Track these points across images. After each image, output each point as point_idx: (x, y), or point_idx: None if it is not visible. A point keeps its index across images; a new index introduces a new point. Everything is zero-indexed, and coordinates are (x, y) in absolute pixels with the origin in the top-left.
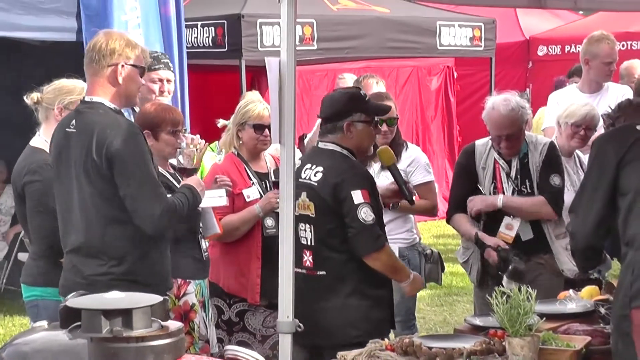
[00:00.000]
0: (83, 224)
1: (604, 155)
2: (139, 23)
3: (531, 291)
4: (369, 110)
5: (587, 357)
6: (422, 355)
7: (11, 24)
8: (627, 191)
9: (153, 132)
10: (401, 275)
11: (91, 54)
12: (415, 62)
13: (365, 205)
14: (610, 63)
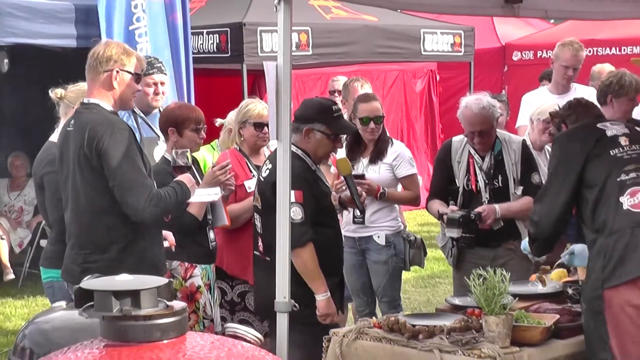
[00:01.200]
0: (77, 214)
1: (570, 151)
2: (146, 31)
3: (505, 274)
4: (332, 126)
5: (555, 333)
6: (407, 332)
7: (34, 32)
8: (595, 183)
9: (177, 129)
10: (316, 285)
11: (90, 61)
12: (401, 66)
13: (295, 204)
14: (568, 68)
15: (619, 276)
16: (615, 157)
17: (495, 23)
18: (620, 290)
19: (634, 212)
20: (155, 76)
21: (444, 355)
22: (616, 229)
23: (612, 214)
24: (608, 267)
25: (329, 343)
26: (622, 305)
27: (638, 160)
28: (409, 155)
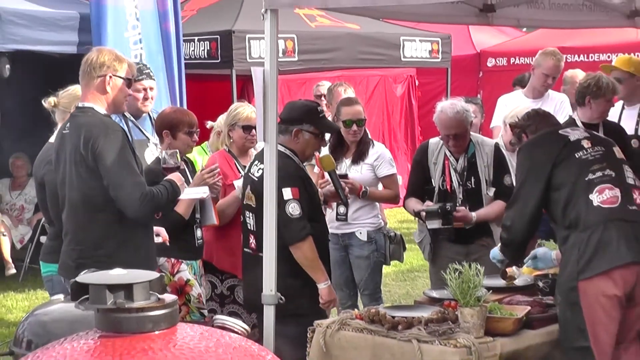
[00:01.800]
0: (73, 212)
1: (537, 158)
2: (140, 39)
3: (479, 268)
4: (319, 125)
5: (527, 323)
6: (387, 323)
7: (34, 39)
8: (562, 186)
9: (171, 132)
10: (317, 275)
11: (84, 67)
12: (382, 71)
13: (293, 201)
14: (548, 76)
15: (593, 268)
16: (581, 160)
17: (471, 31)
18: (594, 281)
19: (604, 207)
20: (144, 82)
21: (422, 345)
22: (589, 224)
23: (584, 211)
24: (582, 260)
25: (313, 334)
26: (597, 296)
27: (601, 160)
28: (389, 156)
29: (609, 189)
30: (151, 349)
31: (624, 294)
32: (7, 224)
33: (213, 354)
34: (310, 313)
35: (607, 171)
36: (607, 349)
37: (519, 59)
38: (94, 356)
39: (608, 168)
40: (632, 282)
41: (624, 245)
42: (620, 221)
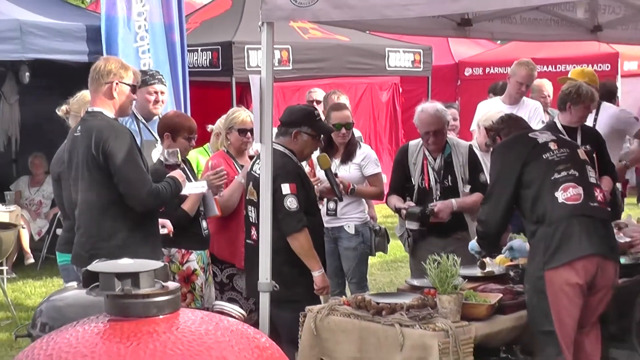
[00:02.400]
0: (86, 207)
1: (508, 158)
2: (148, 49)
3: (456, 259)
4: (316, 128)
5: (499, 309)
6: (372, 309)
7: (52, 48)
8: (531, 184)
9: (172, 135)
10: (312, 264)
11: (93, 74)
12: (369, 79)
13: (291, 195)
14: (522, 84)
15: (559, 259)
16: (548, 160)
17: (450, 43)
18: (559, 271)
19: (568, 204)
20: (156, 86)
21: (404, 329)
22: (554, 219)
23: (550, 207)
24: (549, 252)
25: (304, 318)
26: (561, 284)
27: (566, 161)
28: (375, 156)
29: (572, 187)
30: (155, 331)
31: (585, 283)
32: (26, 218)
33: (212, 336)
34: (305, 299)
35: (571, 171)
36: (570, 333)
37: (493, 68)
38: (103, 338)
39: (572, 168)
40: (593, 272)
41: (585, 239)
42: (582, 217)
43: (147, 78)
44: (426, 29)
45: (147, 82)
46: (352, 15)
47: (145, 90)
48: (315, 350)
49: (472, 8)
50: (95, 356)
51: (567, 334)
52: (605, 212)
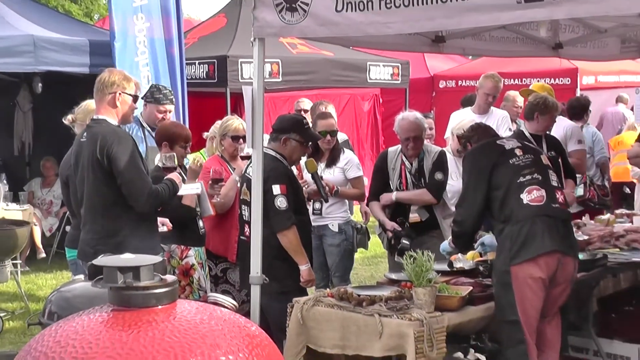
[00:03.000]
0: (91, 207)
1: (479, 163)
2: (148, 62)
3: (430, 254)
4: (304, 135)
5: (470, 301)
6: (353, 300)
7: (62, 61)
8: (500, 186)
9: (169, 144)
10: (299, 258)
11: (98, 85)
12: (352, 91)
13: (281, 196)
14: (489, 95)
15: (523, 255)
16: (514, 165)
17: (426, 58)
18: (523, 266)
19: (532, 205)
20: (167, 106)
21: (382, 318)
22: (520, 218)
23: (516, 207)
24: (514, 248)
25: (292, 309)
26: (525, 278)
27: (531, 165)
28: (357, 161)
29: (536, 190)
30: (155, 320)
31: (547, 277)
32: (38, 216)
33: (206, 325)
34: (293, 291)
35: (535, 175)
36: (532, 322)
37: (465, 81)
38: (107, 326)
39: (536, 172)
40: (554, 267)
41: (547, 237)
42: (545, 217)
43: (160, 97)
44: (404, 44)
45: (159, 101)
46: (336, 32)
47: (156, 107)
48: (302, 338)
49: (445, 26)
50: (100, 343)
51: (530, 323)
52: (566, 212)
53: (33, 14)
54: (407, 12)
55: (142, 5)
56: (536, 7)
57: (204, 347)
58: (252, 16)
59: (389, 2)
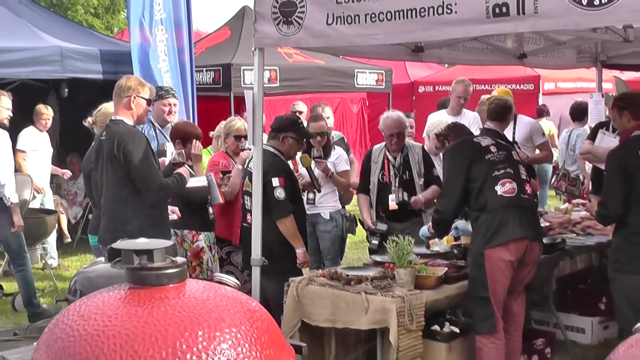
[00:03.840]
0: (109, 198)
1: (458, 159)
2: (168, 69)
3: (411, 239)
4: (300, 133)
5: (445, 280)
6: (343, 280)
7: (85, 69)
8: (476, 179)
9: (182, 141)
10: (296, 243)
11: (116, 89)
12: (342, 95)
13: (280, 187)
14: (460, 97)
15: (496, 240)
16: (489, 160)
17: (407, 66)
18: (496, 250)
19: (505, 196)
20: (170, 99)
21: (368, 296)
22: (494, 208)
23: (491, 198)
24: (488, 234)
25: (288, 287)
26: (497, 261)
27: (504, 161)
28: (346, 156)
29: (509, 183)
30: (166, 297)
31: (516, 260)
32: (64, 205)
33: (212, 301)
34: (289, 271)
35: (508, 169)
36: (500, 298)
37: (441, 86)
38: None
39: (509, 167)
40: (523, 251)
41: (517, 225)
42: (516, 207)
43: (162, 93)
44: (387, 54)
45: (162, 97)
46: (327, 43)
47: (161, 102)
48: (297, 313)
49: (423, 38)
50: (118, 316)
51: (498, 299)
52: (533, 203)
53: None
54: (389, 25)
55: (162, 18)
56: (503, 22)
57: (210, 321)
58: (253, 29)
59: (374, 16)
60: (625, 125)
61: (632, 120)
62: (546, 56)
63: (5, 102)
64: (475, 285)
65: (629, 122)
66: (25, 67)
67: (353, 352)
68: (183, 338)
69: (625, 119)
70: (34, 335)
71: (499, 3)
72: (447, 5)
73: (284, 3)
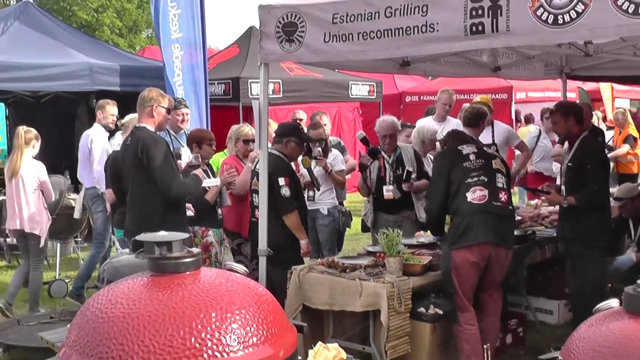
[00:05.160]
0: (134, 195)
1: (442, 164)
2: (181, 83)
3: (399, 231)
4: (301, 138)
5: (430, 267)
6: (339, 268)
7: (112, 82)
8: (452, 184)
9: (198, 145)
10: (300, 235)
11: (139, 100)
12: (338, 104)
13: (285, 186)
14: (445, 105)
15: (460, 242)
16: (465, 167)
17: (395, 78)
18: (461, 251)
19: (473, 203)
20: (183, 110)
21: (362, 282)
22: (462, 213)
23: (462, 203)
24: (455, 236)
25: (291, 275)
26: (462, 261)
27: (480, 169)
28: (342, 158)
29: (480, 190)
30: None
31: (481, 261)
32: None
33: (224, 286)
34: (292, 260)
35: (482, 177)
36: (468, 292)
37: (426, 96)
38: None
39: (483, 175)
40: (487, 255)
41: (482, 230)
42: (483, 213)
43: (176, 104)
44: (377, 67)
45: (177, 107)
46: (324, 58)
47: (175, 112)
48: (299, 297)
49: (409, 53)
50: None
51: (467, 293)
52: (506, 210)
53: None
54: (380, 43)
55: (179, 38)
56: (480, 39)
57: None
58: (259, 46)
59: (366, 35)
60: (570, 129)
61: (576, 125)
62: (517, 69)
63: (111, 109)
64: (445, 280)
65: (574, 126)
66: (58, 81)
67: (349, 331)
68: (198, 319)
69: (571, 122)
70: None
71: (475, 22)
72: (430, 24)
73: (287, 24)
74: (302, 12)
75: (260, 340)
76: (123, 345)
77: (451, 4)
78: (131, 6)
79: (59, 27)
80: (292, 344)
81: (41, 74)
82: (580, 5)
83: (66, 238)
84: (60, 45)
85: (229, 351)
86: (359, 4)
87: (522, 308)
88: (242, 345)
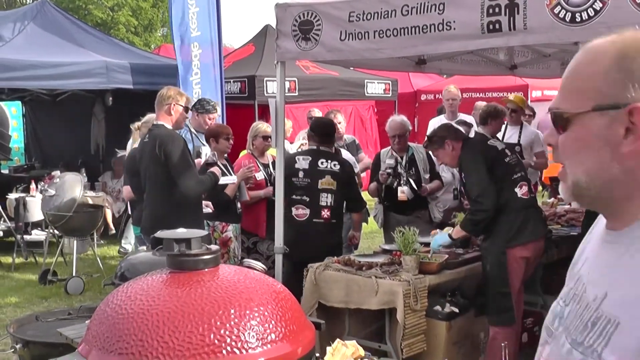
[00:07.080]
0: (151, 192)
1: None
2: (199, 81)
3: (415, 230)
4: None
5: (446, 266)
6: (355, 266)
7: (128, 80)
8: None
9: (215, 139)
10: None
11: (158, 98)
12: (353, 103)
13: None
14: (448, 100)
15: (518, 240)
16: (508, 163)
17: (410, 76)
18: (516, 249)
19: (523, 198)
20: (214, 114)
21: (378, 280)
22: (515, 209)
23: (511, 200)
24: (510, 234)
25: (307, 272)
26: (517, 258)
27: (518, 164)
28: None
29: (525, 186)
30: (202, 280)
31: (532, 257)
32: (109, 201)
33: (242, 283)
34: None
35: (522, 173)
36: (517, 292)
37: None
38: (166, 285)
39: (522, 170)
40: (541, 251)
41: (536, 225)
42: (532, 208)
43: (209, 108)
44: (393, 66)
45: (209, 112)
46: (340, 56)
47: (207, 116)
48: (315, 295)
49: (425, 51)
50: (161, 297)
51: (516, 293)
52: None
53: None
54: (395, 41)
55: (197, 36)
56: (496, 37)
57: (241, 300)
58: (275, 44)
59: (382, 33)
60: None
61: None
62: (533, 67)
63: None
64: (495, 281)
65: None
66: (75, 79)
67: (364, 329)
68: (217, 315)
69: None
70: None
71: (492, 20)
72: (446, 22)
73: (303, 22)
74: (319, 10)
75: (279, 337)
76: (142, 341)
77: (468, 2)
78: (146, 5)
79: (75, 25)
80: (310, 341)
81: (57, 72)
82: (598, 3)
83: (84, 235)
84: (77, 44)
85: (247, 347)
86: (375, 2)
87: (538, 307)
88: (260, 342)
